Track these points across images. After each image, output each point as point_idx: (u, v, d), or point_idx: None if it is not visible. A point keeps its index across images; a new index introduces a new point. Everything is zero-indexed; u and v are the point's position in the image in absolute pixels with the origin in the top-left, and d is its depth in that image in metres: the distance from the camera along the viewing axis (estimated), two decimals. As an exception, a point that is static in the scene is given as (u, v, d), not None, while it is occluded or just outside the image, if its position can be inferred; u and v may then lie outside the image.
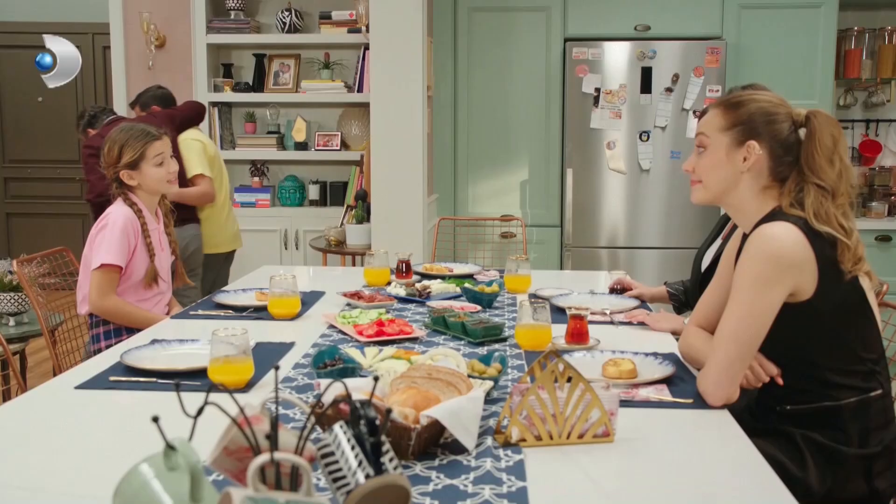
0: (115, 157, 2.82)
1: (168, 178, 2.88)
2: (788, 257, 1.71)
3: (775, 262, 1.71)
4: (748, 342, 1.74)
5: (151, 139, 2.85)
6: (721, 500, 1.34)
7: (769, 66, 4.89)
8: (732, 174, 1.85)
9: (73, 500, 1.31)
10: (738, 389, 1.76)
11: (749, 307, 1.73)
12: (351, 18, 5.01)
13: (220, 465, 1.08)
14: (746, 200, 1.86)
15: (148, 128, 2.90)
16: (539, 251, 5.05)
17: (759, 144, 1.81)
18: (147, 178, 2.84)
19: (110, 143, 2.85)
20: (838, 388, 1.78)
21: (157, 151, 2.85)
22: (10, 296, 3.57)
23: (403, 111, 4.45)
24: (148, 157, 2.83)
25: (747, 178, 1.84)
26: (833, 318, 1.76)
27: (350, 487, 0.99)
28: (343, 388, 1.14)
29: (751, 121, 1.83)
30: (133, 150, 2.82)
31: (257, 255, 4.96)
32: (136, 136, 2.85)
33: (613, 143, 4.92)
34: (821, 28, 4.95)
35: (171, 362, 2.00)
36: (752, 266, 1.73)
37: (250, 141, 5.23)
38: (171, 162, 2.90)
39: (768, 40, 4.97)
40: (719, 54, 4.83)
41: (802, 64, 4.93)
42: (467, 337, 2.27)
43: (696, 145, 1.92)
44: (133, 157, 2.81)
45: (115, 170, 2.83)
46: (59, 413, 1.76)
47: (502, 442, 1.51)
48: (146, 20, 5.04)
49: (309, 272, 3.75)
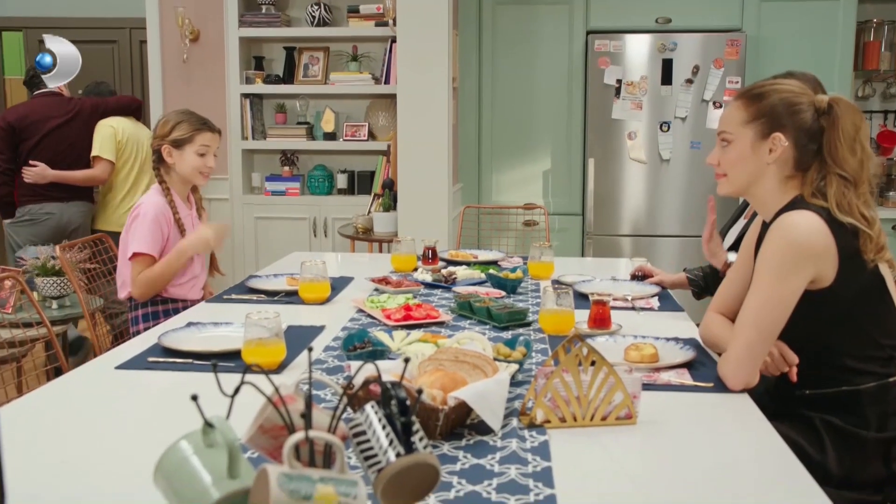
0: (166, 131, 2.85)
1: (202, 171, 2.89)
2: (809, 245, 1.68)
3: (797, 249, 1.68)
4: (769, 328, 1.72)
5: (206, 129, 2.88)
6: (741, 481, 1.33)
7: (788, 58, 4.82)
8: (758, 167, 1.82)
9: (116, 475, 1.32)
10: (758, 374, 1.74)
11: (770, 294, 1.70)
12: (378, 12, 5.00)
13: (256, 442, 1.08)
14: (770, 191, 1.83)
15: (207, 119, 2.93)
16: (561, 239, 5.03)
17: (785, 136, 1.78)
18: (185, 161, 2.85)
19: (168, 117, 2.91)
20: (857, 374, 1.76)
21: (205, 142, 2.87)
22: (54, 280, 3.60)
23: (429, 102, 4.44)
24: (195, 142, 2.85)
25: (772, 169, 1.81)
26: (853, 304, 1.73)
27: (381, 465, 0.99)
28: (373, 370, 1.14)
29: (774, 112, 1.79)
30: (185, 130, 2.84)
31: (287, 241, 4.98)
32: (195, 120, 2.88)
33: (634, 134, 4.88)
34: (840, 20, 4.87)
35: (207, 344, 2.01)
36: (773, 254, 1.71)
37: (281, 131, 5.24)
38: (212, 158, 2.91)
39: (787, 32, 4.90)
40: (739, 46, 4.77)
41: (821, 55, 4.86)
42: (492, 321, 2.26)
43: (720, 141, 1.89)
44: (181, 136, 2.84)
45: (161, 142, 2.85)
46: (100, 392, 1.78)
47: (527, 423, 1.50)
48: (181, 15, 5.06)
49: (337, 258, 3.76)
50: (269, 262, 3.70)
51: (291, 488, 0.88)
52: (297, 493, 0.88)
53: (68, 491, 1.27)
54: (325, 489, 0.89)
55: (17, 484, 1.20)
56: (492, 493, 1.23)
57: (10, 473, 0.90)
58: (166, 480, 0.98)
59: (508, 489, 1.24)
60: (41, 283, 3.60)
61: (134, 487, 1.24)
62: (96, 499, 1.24)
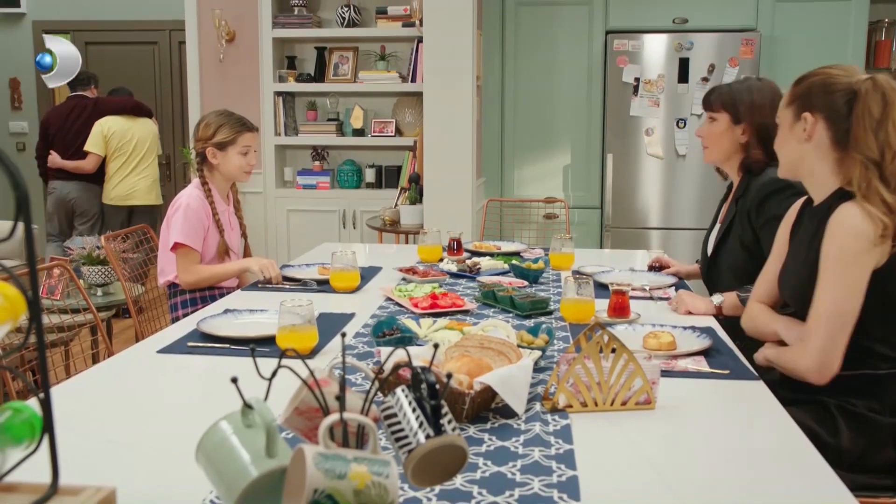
0: (209, 135, 2.85)
1: (246, 169, 2.90)
2: (870, 231, 1.64)
3: (860, 237, 1.64)
4: (848, 315, 1.68)
5: (246, 129, 2.88)
6: (755, 464, 1.32)
7: (802, 57, 4.75)
8: (796, 147, 1.81)
9: (160, 453, 1.33)
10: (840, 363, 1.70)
11: (843, 282, 1.66)
12: (405, 13, 4.98)
13: (292, 423, 1.08)
14: (817, 172, 1.80)
15: (245, 118, 2.93)
16: (580, 231, 5.00)
17: (814, 116, 1.74)
18: (229, 162, 2.86)
19: (208, 120, 2.89)
20: (881, 359, 1.73)
21: (247, 142, 2.88)
22: (99, 269, 3.64)
23: (454, 100, 4.42)
24: (238, 143, 2.86)
25: (809, 149, 1.78)
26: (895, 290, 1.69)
27: (412, 447, 0.98)
28: (404, 355, 1.13)
29: (808, 94, 1.76)
30: (227, 132, 2.85)
31: (318, 233, 4.99)
32: (235, 122, 2.88)
33: (651, 130, 4.84)
34: (852, 20, 4.80)
35: (243, 330, 2.02)
36: (839, 244, 1.67)
37: (312, 128, 5.24)
38: (253, 156, 2.92)
39: (801, 32, 4.83)
40: (754, 46, 4.71)
41: (834, 55, 4.79)
42: (515, 310, 2.25)
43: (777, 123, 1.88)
44: (225, 138, 2.84)
45: (205, 145, 2.86)
46: (143, 374, 1.79)
47: (550, 408, 1.50)
48: (218, 17, 5.07)
49: (366, 249, 3.76)
50: (300, 253, 3.71)
51: (327, 467, 0.88)
52: (332, 472, 0.88)
53: (116, 468, 1.28)
54: (359, 468, 0.89)
55: (67, 462, 1.21)
56: (516, 474, 1.22)
57: (60, 451, 0.91)
58: (207, 459, 0.99)
59: (532, 470, 1.24)
60: (87, 271, 3.64)
61: (177, 465, 1.25)
62: (142, 476, 1.25)
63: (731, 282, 2.41)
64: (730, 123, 2.42)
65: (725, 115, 2.43)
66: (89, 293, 3.60)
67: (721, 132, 2.44)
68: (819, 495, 1.20)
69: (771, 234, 2.29)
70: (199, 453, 1.00)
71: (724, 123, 2.44)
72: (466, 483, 1.19)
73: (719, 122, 2.44)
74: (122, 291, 3.28)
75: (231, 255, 2.91)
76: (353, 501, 0.88)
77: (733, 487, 1.22)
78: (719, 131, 2.45)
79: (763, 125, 2.36)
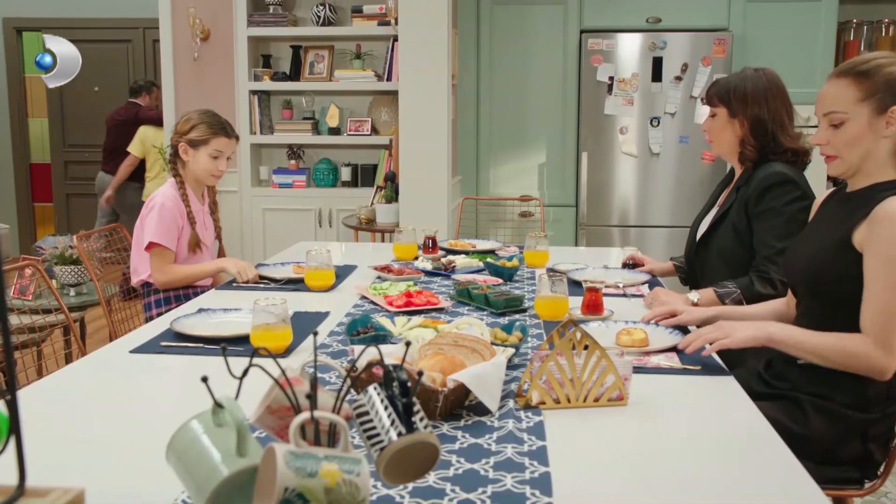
0: (185, 129, 2.84)
1: (213, 173, 2.87)
2: None
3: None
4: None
5: (223, 134, 2.86)
6: (726, 459, 1.33)
7: (773, 57, 4.80)
8: (874, 143, 1.73)
9: (130, 453, 1.32)
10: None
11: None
12: (381, 12, 4.97)
13: (263, 422, 1.08)
14: (878, 165, 1.75)
15: (227, 124, 2.90)
16: (555, 229, 5.02)
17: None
18: (197, 162, 2.84)
19: (189, 116, 2.89)
20: None
21: (220, 147, 2.85)
22: (71, 268, 3.60)
23: (429, 99, 4.42)
24: (210, 145, 2.83)
25: (885, 143, 1.72)
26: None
27: (384, 444, 0.98)
28: (377, 353, 1.13)
29: (889, 86, 1.69)
30: (202, 132, 2.83)
31: (294, 232, 4.97)
32: (213, 124, 2.86)
33: (626, 129, 4.86)
34: (822, 20, 4.85)
35: (217, 329, 2.01)
36: (888, 239, 1.64)
37: (287, 126, 5.22)
38: (224, 162, 2.89)
39: (772, 32, 4.88)
40: (726, 45, 4.75)
41: (804, 54, 4.84)
42: (490, 308, 2.26)
43: (830, 123, 1.76)
44: (198, 137, 2.82)
45: (179, 139, 2.84)
46: (115, 374, 1.78)
47: (523, 405, 1.50)
48: (192, 15, 5.03)
49: (342, 248, 3.75)
50: (276, 252, 3.69)
51: (298, 466, 0.87)
52: (302, 471, 0.87)
53: (87, 469, 1.27)
54: (329, 466, 0.89)
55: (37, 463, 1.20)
56: (489, 471, 1.23)
57: (29, 453, 0.90)
58: (178, 458, 0.98)
59: (505, 467, 1.24)
60: (59, 271, 3.60)
61: (149, 465, 1.23)
62: (113, 476, 1.24)
63: (716, 263, 2.43)
64: (728, 117, 2.43)
65: (723, 109, 2.44)
66: (62, 293, 3.56)
67: (721, 126, 2.45)
68: (788, 489, 1.22)
69: (762, 224, 2.31)
70: (169, 453, 0.99)
71: (723, 118, 2.44)
72: (439, 480, 1.19)
73: (719, 117, 2.45)
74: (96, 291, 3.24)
75: (202, 249, 2.89)
76: (324, 500, 0.88)
77: (704, 482, 1.23)
78: (720, 125, 2.46)
79: (758, 117, 2.38)
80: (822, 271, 1.78)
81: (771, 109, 2.38)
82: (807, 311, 1.88)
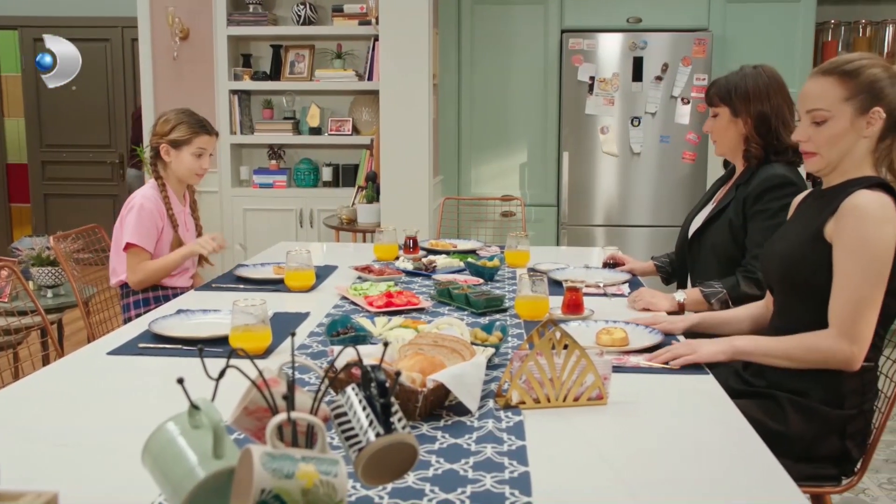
0: (166, 130, 2.82)
1: (197, 172, 2.86)
2: (887, 219, 1.68)
3: (875, 222, 1.67)
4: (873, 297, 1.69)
5: (204, 132, 2.85)
6: (705, 457, 1.34)
7: (752, 57, 4.79)
8: (854, 142, 1.76)
9: (107, 455, 1.31)
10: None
11: (862, 267, 1.67)
12: (362, 11, 4.97)
13: (241, 424, 1.07)
14: (854, 164, 1.78)
15: (206, 121, 2.89)
16: (537, 229, 5.03)
17: (882, 109, 1.74)
18: (181, 162, 2.82)
19: (168, 116, 2.86)
20: None
21: (203, 145, 2.84)
22: (48, 270, 3.56)
23: (411, 98, 4.42)
24: (193, 144, 2.82)
25: (864, 143, 1.76)
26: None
27: (362, 445, 0.98)
28: (355, 354, 1.13)
29: (872, 87, 1.73)
30: (183, 132, 2.81)
31: (274, 232, 4.95)
32: (194, 122, 2.84)
33: (607, 128, 4.88)
34: (800, 21, 4.90)
35: (195, 331, 2.00)
36: (853, 231, 1.68)
37: (268, 126, 5.20)
38: (207, 159, 2.88)
39: (751, 32, 4.92)
40: (706, 45, 4.78)
41: (783, 54, 4.88)
42: (470, 308, 2.26)
43: (812, 120, 1.79)
44: (180, 137, 2.81)
45: (160, 140, 2.82)
46: (93, 376, 1.76)
47: (503, 404, 1.50)
48: (171, 14, 5.00)
49: (323, 248, 3.75)
50: (257, 252, 3.68)
51: (274, 467, 0.87)
52: (279, 472, 0.87)
53: (62, 472, 1.26)
54: (306, 468, 0.89)
55: (12, 466, 1.19)
56: (468, 471, 1.23)
57: (3, 456, 0.89)
58: (153, 461, 0.97)
59: (484, 467, 1.24)
60: (36, 272, 3.56)
61: (125, 468, 1.23)
62: (89, 479, 1.23)
63: (708, 258, 2.44)
64: (730, 116, 2.43)
65: (725, 108, 2.44)
66: (39, 295, 3.53)
67: (724, 126, 2.46)
68: (765, 487, 1.22)
69: (756, 224, 2.33)
70: (145, 455, 0.98)
71: (725, 117, 2.45)
72: (418, 481, 1.19)
73: (721, 117, 2.46)
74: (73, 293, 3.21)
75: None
76: (301, 501, 0.87)
77: (683, 480, 1.24)
78: (722, 125, 2.46)
79: (761, 114, 2.38)
80: (796, 265, 1.81)
81: (773, 105, 2.39)
82: (783, 308, 1.90)
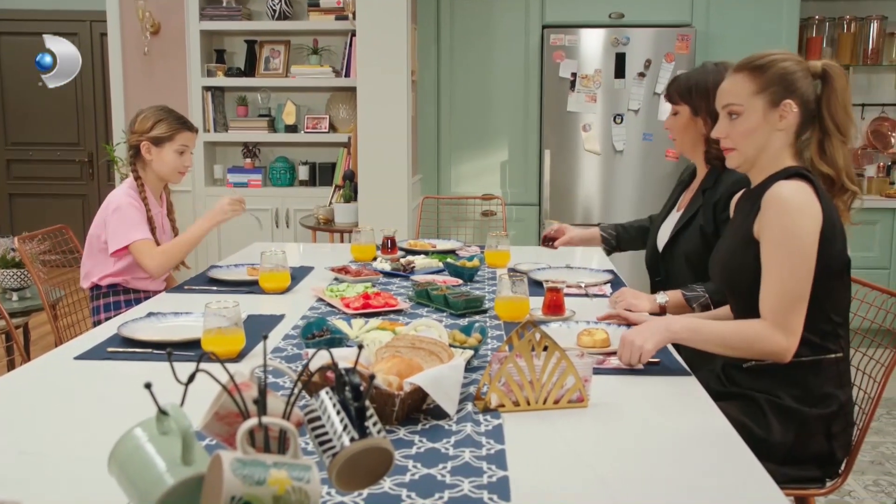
0: (146, 128, 2.79)
1: (180, 170, 2.85)
2: (807, 207, 1.71)
3: (798, 213, 1.70)
4: (800, 289, 1.72)
5: (186, 128, 2.83)
6: (687, 459, 1.35)
7: (736, 53, 4.78)
8: (768, 135, 1.82)
9: (72, 463, 1.30)
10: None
11: (788, 259, 1.70)
12: (338, 6, 4.95)
13: (211, 429, 1.07)
14: (773, 158, 1.83)
15: (186, 117, 2.88)
16: (518, 228, 5.04)
17: (794, 102, 1.79)
18: (163, 160, 2.81)
19: (147, 113, 2.83)
20: (805, 345, 1.76)
21: (185, 141, 2.83)
22: (13, 272, 3.53)
23: (389, 95, 4.42)
24: (175, 141, 2.80)
25: (780, 136, 1.82)
26: (819, 276, 1.73)
27: (336, 450, 0.98)
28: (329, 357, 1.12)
29: (783, 80, 1.79)
30: (165, 128, 2.79)
31: (249, 233, 4.92)
32: (175, 119, 2.82)
33: (589, 126, 4.90)
34: (784, 16, 4.94)
35: (167, 334, 1.98)
36: (775, 223, 1.72)
37: (242, 124, 5.18)
38: (190, 157, 2.87)
39: (735, 28, 4.96)
40: (689, 41, 4.81)
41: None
42: (449, 309, 2.26)
43: (728, 113, 1.86)
44: (163, 134, 2.78)
45: (140, 138, 2.79)
46: (59, 382, 1.74)
47: (482, 408, 1.50)
48: (141, 8, 4.97)
49: (299, 249, 3.73)
50: (231, 253, 3.66)
51: (245, 473, 0.87)
52: (250, 479, 0.87)
53: (26, 481, 1.24)
54: (278, 474, 0.88)
55: (-28, 475, 1.18)
56: (446, 476, 1.23)
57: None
58: (120, 468, 0.96)
59: (462, 472, 1.24)
60: (1, 275, 3.53)
61: (91, 476, 1.21)
62: (54, 488, 1.22)
63: (682, 268, 2.45)
64: (690, 115, 2.44)
65: (685, 106, 2.44)
66: (3, 298, 3.49)
67: (684, 125, 2.46)
68: (747, 489, 1.23)
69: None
70: (111, 462, 0.97)
71: (685, 115, 2.45)
72: (395, 486, 1.19)
73: (681, 115, 2.46)
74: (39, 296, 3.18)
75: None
76: (272, 508, 0.87)
77: (665, 483, 1.25)
78: (682, 124, 2.46)
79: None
80: (735, 269, 1.87)
81: None
82: (737, 312, 1.94)
